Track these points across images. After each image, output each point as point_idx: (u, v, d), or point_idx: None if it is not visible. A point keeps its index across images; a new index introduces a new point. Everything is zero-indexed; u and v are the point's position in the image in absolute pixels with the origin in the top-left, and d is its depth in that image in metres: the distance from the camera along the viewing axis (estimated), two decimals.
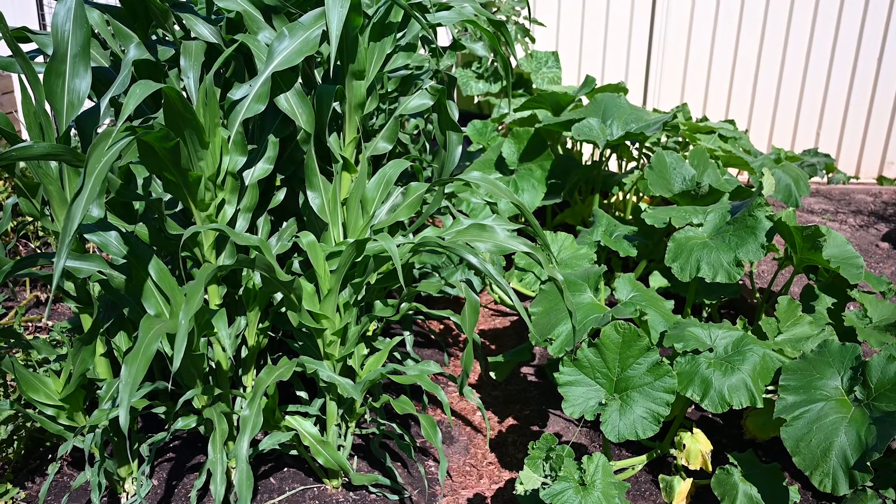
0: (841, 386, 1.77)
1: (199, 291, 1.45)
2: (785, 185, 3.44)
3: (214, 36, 1.86)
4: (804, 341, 2.07)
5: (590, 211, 3.72)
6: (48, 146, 1.41)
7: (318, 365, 1.88)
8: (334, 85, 1.91)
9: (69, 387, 1.81)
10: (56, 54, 1.54)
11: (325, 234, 1.99)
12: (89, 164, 1.32)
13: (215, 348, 1.90)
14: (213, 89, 1.68)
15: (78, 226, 1.30)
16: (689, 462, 1.95)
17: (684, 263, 2.24)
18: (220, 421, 1.79)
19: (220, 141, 1.73)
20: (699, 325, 2.01)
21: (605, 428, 1.81)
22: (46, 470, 2.07)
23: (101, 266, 1.69)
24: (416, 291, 2.05)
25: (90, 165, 1.32)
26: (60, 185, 1.66)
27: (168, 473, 2.09)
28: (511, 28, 4.68)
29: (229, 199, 1.80)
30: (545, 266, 1.72)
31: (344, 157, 1.97)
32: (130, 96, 1.41)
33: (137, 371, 1.41)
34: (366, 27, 1.91)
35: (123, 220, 1.86)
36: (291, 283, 1.73)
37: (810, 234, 2.23)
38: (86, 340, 1.77)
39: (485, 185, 1.83)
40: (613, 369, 1.89)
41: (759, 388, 1.84)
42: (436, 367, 2.09)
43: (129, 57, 1.67)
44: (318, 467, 2.05)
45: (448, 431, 2.38)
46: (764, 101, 5.09)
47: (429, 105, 2.08)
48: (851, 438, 1.65)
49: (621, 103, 3.53)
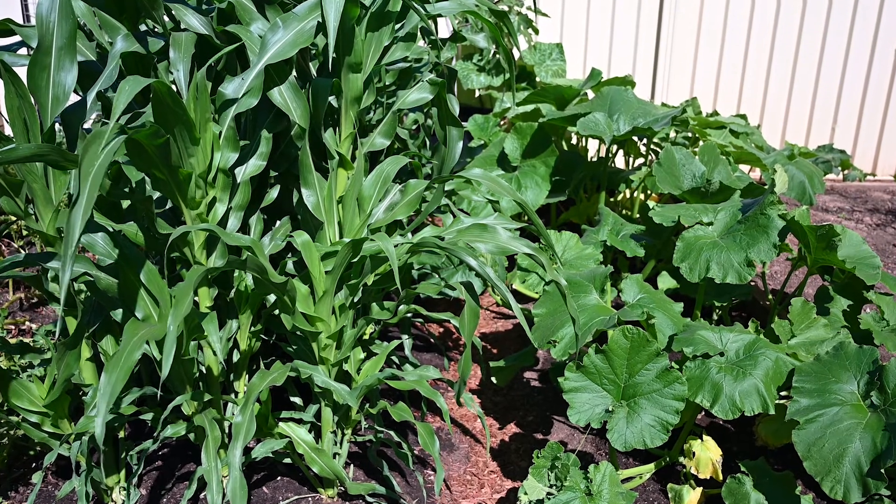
0: (857, 390, 1.78)
1: (189, 295, 1.45)
2: (798, 183, 3.45)
3: (205, 27, 1.86)
4: (819, 345, 2.07)
5: (595, 209, 3.73)
6: (34, 147, 1.40)
7: (313, 370, 1.89)
8: (330, 78, 1.91)
9: (53, 392, 1.81)
10: (40, 47, 1.54)
11: (321, 234, 1.99)
12: (83, 167, 1.32)
13: (206, 352, 1.91)
14: (204, 83, 1.68)
15: (79, 237, 1.29)
16: (698, 470, 1.95)
17: (693, 264, 2.25)
18: (212, 428, 1.79)
19: (212, 137, 1.74)
20: (709, 329, 2.02)
21: (612, 436, 1.81)
22: (31, 479, 2.07)
23: (87, 267, 1.69)
24: (414, 293, 2.06)
25: (83, 169, 1.31)
26: (45, 184, 1.66)
27: (157, 482, 2.10)
28: (514, 19, 4.68)
29: (220, 197, 1.80)
30: (548, 269, 1.73)
31: (340, 153, 1.97)
32: (120, 93, 1.41)
33: (118, 379, 1.39)
34: (363, 18, 1.91)
35: (111, 220, 1.86)
36: (285, 285, 1.73)
37: (825, 234, 2.23)
38: (71, 344, 1.77)
39: (486, 183, 1.84)
40: (621, 375, 1.90)
41: (772, 394, 1.85)
42: (435, 372, 2.09)
43: (116, 49, 1.67)
44: (313, 476, 2.06)
45: (448, 439, 2.38)
46: (777, 94, 5.09)
47: (428, 99, 2.09)
48: (866, 445, 1.65)
49: (628, 97, 3.53)
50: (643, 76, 5.12)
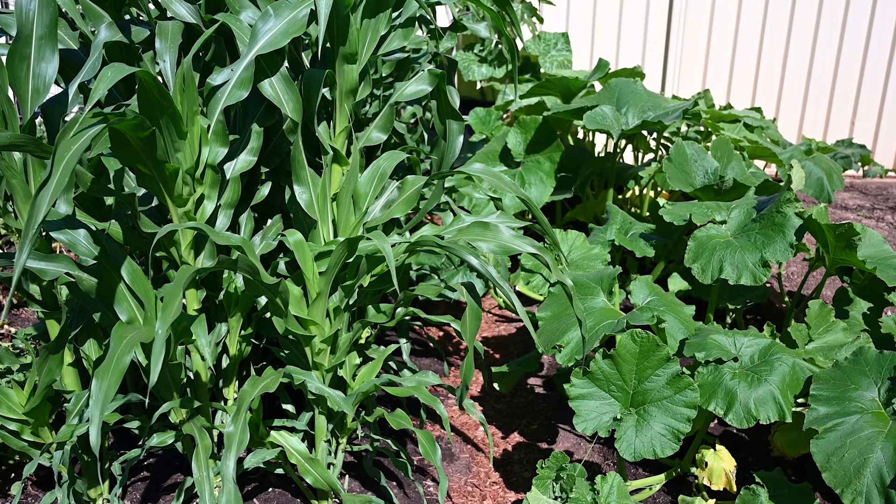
0: (878, 398, 1.78)
1: (178, 297, 1.45)
2: (816, 179, 3.45)
3: (193, 15, 1.86)
4: (837, 350, 2.07)
5: (603, 207, 3.73)
6: (10, 136, 1.41)
7: (306, 375, 1.89)
8: (324, 69, 1.91)
9: (34, 399, 1.81)
10: (20, 36, 1.54)
11: (314, 233, 1.99)
12: (57, 152, 1.32)
13: (194, 357, 1.91)
14: (191, 74, 1.68)
15: (43, 219, 1.30)
16: (711, 482, 1.95)
17: (706, 264, 2.25)
18: (201, 436, 1.79)
19: (199, 130, 1.74)
20: (723, 333, 2.02)
21: (620, 445, 1.81)
22: (9, 490, 2.07)
23: (68, 267, 1.69)
24: (413, 295, 2.06)
25: (58, 154, 1.32)
26: (25, 179, 1.66)
27: (142, 494, 2.10)
28: (517, 7, 4.68)
29: (209, 194, 1.80)
30: (553, 270, 1.73)
31: (334, 148, 1.97)
32: (101, 80, 1.41)
33: (109, 385, 1.40)
34: (358, 6, 1.91)
35: (93, 217, 1.86)
36: (277, 286, 1.73)
37: (844, 233, 2.23)
38: (52, 349, 1.77)
39: (488, 179, 1.84)
40: (629, 381, 1.90)
41: (789, 401, 1.85)
42: (434, 377, 2.09)
43: (99, 38, 1.67)
44: (307, 487, 2.06)
45: (448, 448, 2.38)
46: (793, 86, 5.09)
47: (427, 91, 2.09)
48: (888, 455, 1.65)
49: (637, 89, 3.53)
50: (653, 67, 5.12)
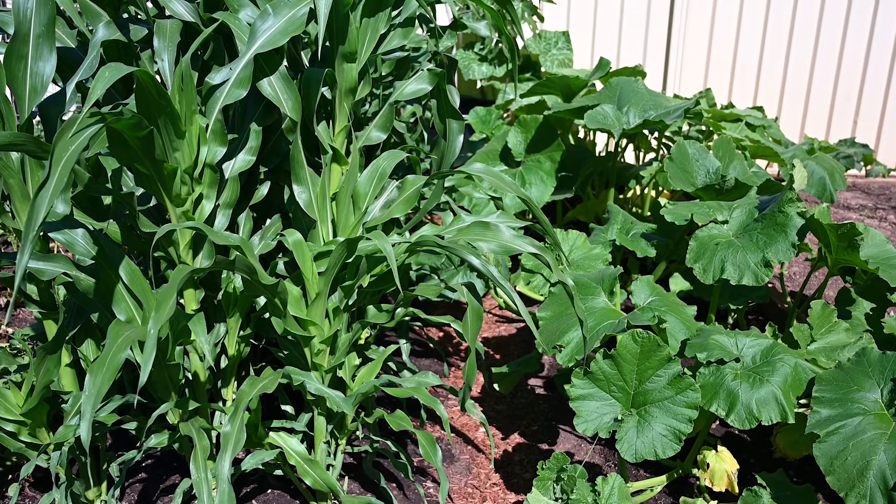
0: (881, 399, 1.78)
1: (172, 296, 1.45)
2: (819, 179, 3.45)
3: (191, 14, 1.86)
4: (840, 350, 2.07)
5: (604, 207, 3.73)
6: (10, 135, 1.41)
7: (306, 376, 1.89)
8: (323, 68, 1.91)
9: (31, 400, 1.81)
10: (17, 34, 1.54)
11: (313, 233, 1.99)
12: (55, 152, 1.32)
13: (192, 358, 1.91)
14: (189, 73, 1.68)
15: (43, 220, 1.31)
16: (713, 483, 1.95)
17: (707, 264, 2.25)
18: (200, 437, 1.79)
19: (198, 130, 1.74)
20: (724, 333, 2.02)
21: (622, 446, 1.81)
22: (7, 492, 2.08)
23: (66, 267, 1.69)
24: (413, 296, 2.06)
25: (56, 154, 1.32)
26: (22, 179, 1.66)
27: (140, 495, 2.10)
28: (517, 5, 4.68)
29: (207, 194, 1.80)
30: (554, 269, 1.73)
31: (334, 147, 1.97)
32: (99, 80, 1.41)
33: (103, 381, 1.41)
34: (357, 4, 1.91)
35: (91, 217, 1.86)
36: (276, 287, 1.73)
37: (846, 233, 2.23)
38: (50, 349, 1.77)
39: (488, 179, 1.84)
40: (630, 382, 1.90)
41: (791, 402, 1.85)
42: (435, 378, 2.09)
43: (97, 37, 1.68)
44: (306, 489, 2.06)
45: (448, 449, 2.39)
46: (796, 85, 5.09)
47: (427, 90, 2.09)
48: (891, 457, 1.65)
49: (639, 88, 3.53)
50: (654, 66, 5.12)
